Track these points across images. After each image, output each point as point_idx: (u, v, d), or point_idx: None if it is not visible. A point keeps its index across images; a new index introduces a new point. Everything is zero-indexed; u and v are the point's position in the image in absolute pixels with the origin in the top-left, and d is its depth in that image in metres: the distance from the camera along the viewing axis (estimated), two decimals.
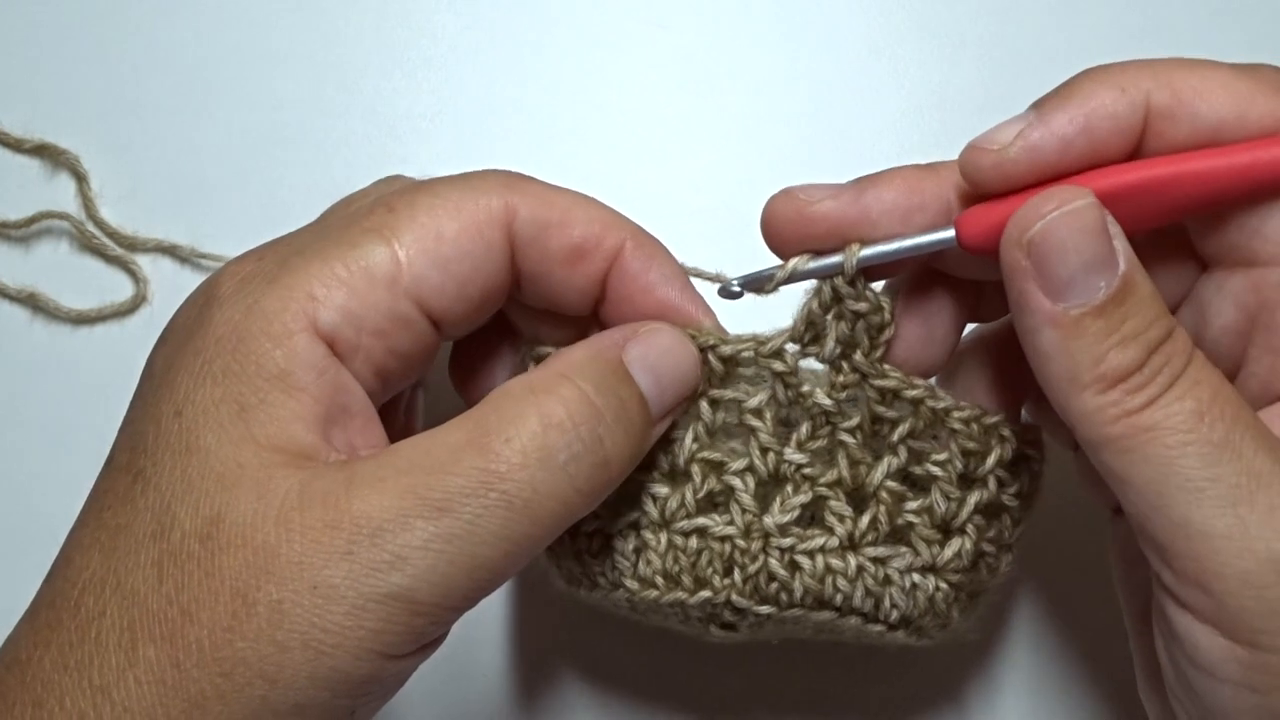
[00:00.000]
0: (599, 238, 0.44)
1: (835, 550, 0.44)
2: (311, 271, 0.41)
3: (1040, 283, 0.39)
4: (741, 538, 0.44)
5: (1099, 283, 0.39)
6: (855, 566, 0.44)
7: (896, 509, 0.44)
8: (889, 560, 0.44)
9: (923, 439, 0.45)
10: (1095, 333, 0.39)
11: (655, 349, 0.43)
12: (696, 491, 0.45)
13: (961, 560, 0.45)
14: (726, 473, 0.45)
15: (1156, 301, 0.39)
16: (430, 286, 0.42)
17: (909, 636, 0.46)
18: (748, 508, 0.44)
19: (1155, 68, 0.41)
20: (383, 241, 0.42)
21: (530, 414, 0.39)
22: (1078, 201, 0.39)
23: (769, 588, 0.44)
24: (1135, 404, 0.39)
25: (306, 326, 0.40)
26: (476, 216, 0.43)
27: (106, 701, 0.37)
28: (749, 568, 0.44)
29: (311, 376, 0.40)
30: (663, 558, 0.45)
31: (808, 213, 0.43)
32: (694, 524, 0.44)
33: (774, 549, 0.44)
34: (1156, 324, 0.39)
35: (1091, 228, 0.39)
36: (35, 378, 0.59)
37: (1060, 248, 0.39)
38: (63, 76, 0.62)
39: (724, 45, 0.62)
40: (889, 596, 0.44)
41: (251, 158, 0.61)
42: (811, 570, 0.44)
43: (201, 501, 0.38)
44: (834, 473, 0.44)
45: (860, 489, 0.45)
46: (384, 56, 0.62)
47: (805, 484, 0.44)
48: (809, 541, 0.44)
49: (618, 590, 0.45)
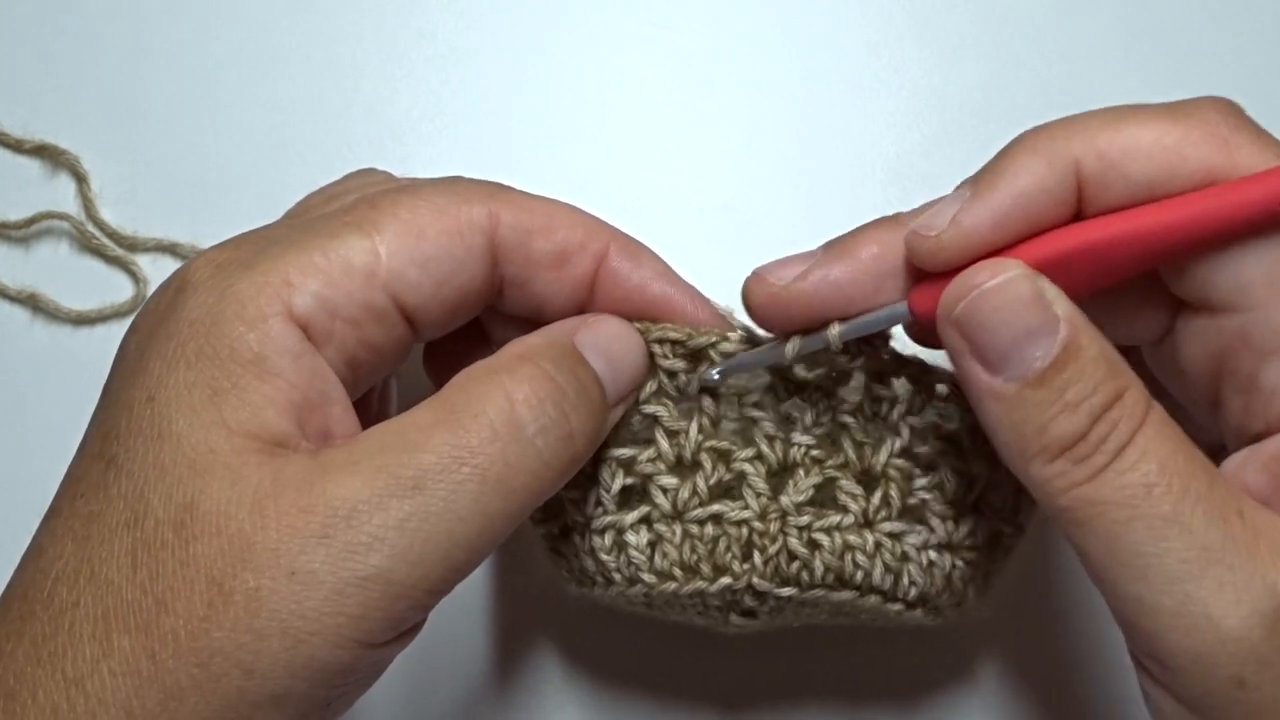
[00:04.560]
0: (583, 241, 0.45)
1: (852, 527, 0.44)
2: (288, 259, 0.41)
3: (976, 357, 0.39)
4: (758, 519, 0.44)
5: (1035, 352, 0.38)
6: (873, 542, 0.44)
7: (906, 487, 0.45)
8: (904, 536, 0.45)
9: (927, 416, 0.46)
10: (1036, 403, 0.38)
11: (605, 335, 0.44)
12: (709, 479, 0.45)
13: (976, 538, 0.45)
14: (736, 460, 0.45)
15: (1104, 363, 0.38)
16: (407, 283, 0.42)
17: (926, 616, 0.46)
18: (761, 491, 0.45)
19: (1084, 130, 0.40)
20: (363, 235, 0.42)
21: (496, 392, 0.40)
22: (1005, 274, 0.39)
23: (790, 568, 0.44)
24: (1080, 475, 0.38)
25: (281, 311, 0.40)
26: (459, 219, 0.43)
27: (80, 694, 0.37)
28: (769, 549, 0.44)
29: (286, 362, 0.40)
30: (679, 548, 0.45)
31: (782, 297, 0.43)
32: (709, 511, 0.45)
33: (792, 528, 0.44)
34: (1103, 388, 0.38)
35: (1021, 299, 0.38)
36: (36, 378, 0.59)
37: (989, 322, 0.38)
38: (63, 77, 0.62)
39: (724, 45, 0.62)
40: (907, 573, 0.45)
41: (252, 158, 0.61)
42: (831, 547, 0.44)
43: (174, 489, 0.38)
44: (841, 455, 0.45)
45: (868, 470, 0.45)
46: (384, 57, 0.62)
47: (815, 466, 0.45)
48: (826, 519, 0.44)
49: (635, 585, 0.45)
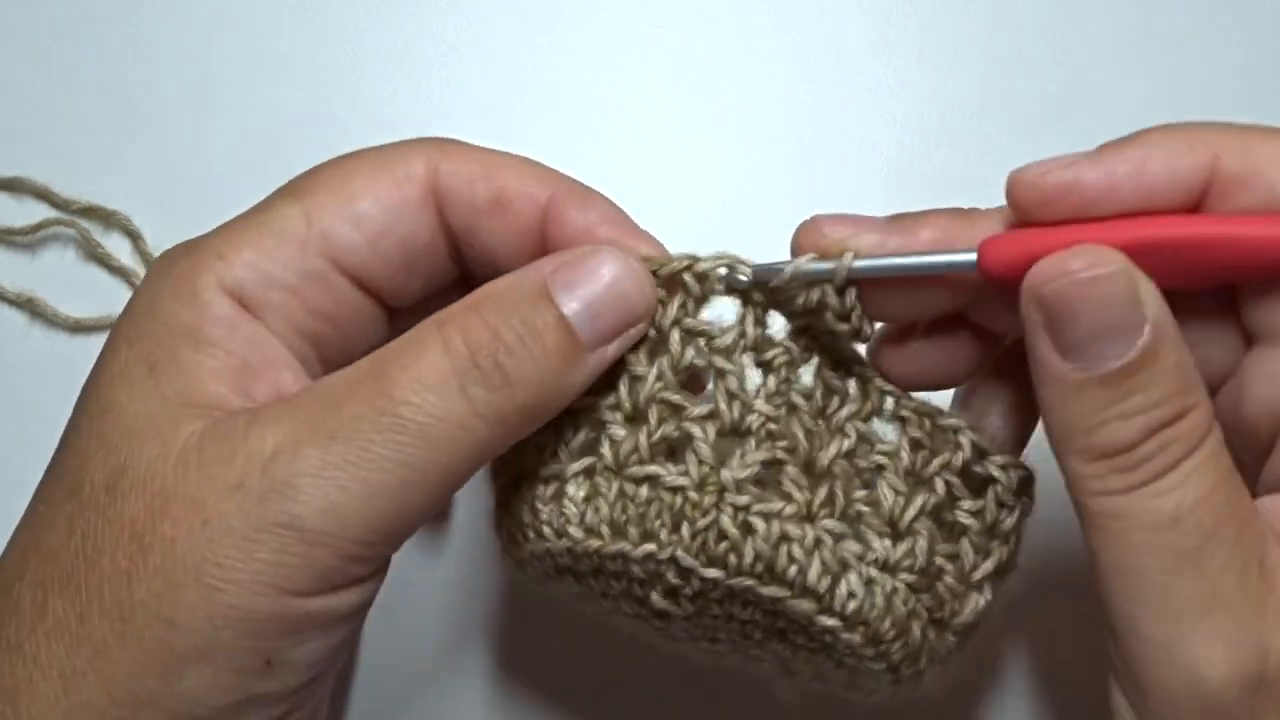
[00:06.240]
0: (523, 187, 0.43)
1: (792, 518, 0.41)
2: (222, 235, 0.42)
3: (1050, 336, 0.37)
4: (694, 490, 0.41)
5: (1112, 350, 0.36)
6: (813, 538, 0.41)
7: (849, 491, 0.42)
8: (844, 540, 0.42)
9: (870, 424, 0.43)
10: (1095, 401, 0.37)
11: (585, 270, 0.41)
12: (651, 435, 0.42)
13: (915, 560, 0.42)
14: (686, 419, 0.42)
15: (1178, 378, 0.37)
16: (341, 244, 0.42)
17: (866, 645, 0.42)
18: (705, 459, 0.42)
19: (1232, 131, 0.39)
20: (294, 201, 0.42)
21: (432, 342, 0.39)
22: (1105, 268, 0.37)
23: (718, 547, 0.41)
24: (1116, 485, 0.37)
25: (214, 284, 0.41)
26: (394, 174, 0.43)
27: (20, 659, 0.38)
28: (698, 522, 0.41)
29: (221, 331, 0.40)
30: (611, 506, 0.42)
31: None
32: (645, 471, 0.42)
33: (727, 505, 0.41)
34: (1168, 403, 0.37)
35: (1113, 297, 0.36)
36: (31, 382, 0.59)
37: (1076, 310, 0.37)
38: (63, 76, 0.62)
39: (724, 46, 0.62)
40: (846, 582, 0.41)
41: (252, 159, 0.61)
42: (766, 533, 0.41)
43: (109, 455, 0.39)
44: (790, 439, 0.42)
45: (813, 464, 0.42)
46: (384, 56, 0.62)
47: (767, 441, 0.42)
48: (766, 504, 0.41)
49: (561, 539, 0.42)
